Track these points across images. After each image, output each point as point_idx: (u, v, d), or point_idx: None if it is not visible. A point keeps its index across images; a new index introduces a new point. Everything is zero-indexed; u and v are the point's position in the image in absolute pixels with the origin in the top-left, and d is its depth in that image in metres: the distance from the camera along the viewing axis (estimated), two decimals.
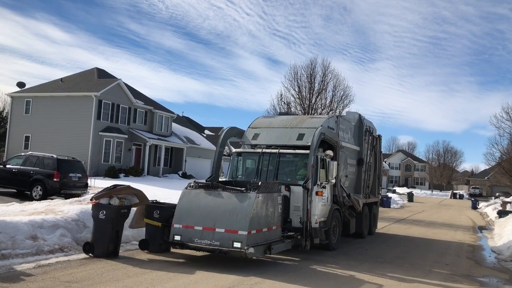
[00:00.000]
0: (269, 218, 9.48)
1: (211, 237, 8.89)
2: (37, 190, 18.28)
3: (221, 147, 12.40)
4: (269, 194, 9.55)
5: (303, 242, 10.56)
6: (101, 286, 7.12)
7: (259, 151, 12.12)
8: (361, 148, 15.33)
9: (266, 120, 13.70)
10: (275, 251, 9.54)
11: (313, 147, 11.12)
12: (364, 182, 15.40)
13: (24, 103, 37.59)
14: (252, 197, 8.97)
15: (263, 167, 11.85)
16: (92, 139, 34.22)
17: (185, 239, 9.13)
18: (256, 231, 8.91)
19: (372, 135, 16.44)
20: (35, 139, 35.94)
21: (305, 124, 12.74)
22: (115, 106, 36.59)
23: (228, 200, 9.20)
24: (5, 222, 8.85)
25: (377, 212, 17.76)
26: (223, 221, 8.91)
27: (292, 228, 10.80)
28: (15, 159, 20.24)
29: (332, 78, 31.46)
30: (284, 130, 12.66)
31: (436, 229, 20.92)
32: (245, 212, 8.83)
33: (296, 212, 10.87)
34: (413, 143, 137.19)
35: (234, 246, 8.63)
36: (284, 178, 11.52)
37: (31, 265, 8.12)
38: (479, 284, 9.47)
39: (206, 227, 9.00)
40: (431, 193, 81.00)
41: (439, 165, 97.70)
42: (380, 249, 13.37)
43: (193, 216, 9.26)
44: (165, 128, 42.47)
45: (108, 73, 41.62)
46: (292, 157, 11.94)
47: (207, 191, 9.54)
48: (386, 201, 34.63)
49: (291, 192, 11.01)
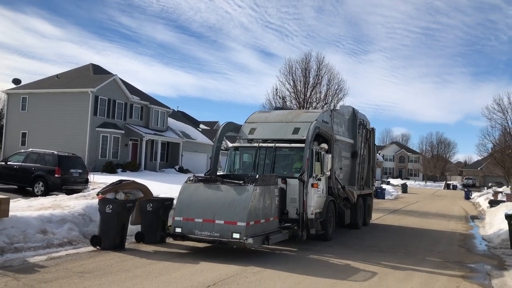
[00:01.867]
0: (266, 209, 9.85)
1: (211, 228, 9.28)
2: (39, 186, 18.60)
3: (218, 142, 12.68)
4: (266, 186, 9.93)
5: (300, 233, 10.90)
6: (112, 276, 7.52)
7: (256, 145, 12.45)
8: (355, 141, 15.71)
9: (262, 115, 14.04)
10: (273, 242, 9.93)
11: (308, 140, 11.49)
12: (358, 174, 15.77)
13: (20, 99, 37.71)
14: (250, 189, 9.36)
15: (260, 161, 12.18)
16: (89, 135, 34.46)
17: (186, 231, 9.51)
18: (254, 222, 9.29)
19: (366, 128, 16.82)
20: (32, 135, 36.12)
21: (300, 118, 13.05)
22: (111, 102, 36.82)
23: (227, 193, 9.59)
24: (16, 217, 9.23)
25: (371, 203, 18.16)
26: (223, 213, 9.30)
27: (288, 219, 11.19)
28: (16, 156, 20.54)
29: (327, 72, 31.91)
30: (280, 125, 12.98)
31: (429, 219, 21.46)
32: (243, 204, 9.22)
33: (292, 204, 11.21)
34: (406, 135, 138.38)
35: (233, 237, 9.01)
36: (281, 171, 11.82)
37: (43, 257, 8.51)
38: (469, 270, 9.96)
39: (206, 219, 9.39)
40: (425, 184, 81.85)
41: (433, 156, 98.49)
42: (374, 239, 13.85)
43: (193, 209, 9.63)
44: (161, 123, 42.75)
45: (103, 69, 41.77)
46: (288, 150, 12.28)
47: (206, 185, 9.94)
48: (380, 192, 35.16)
49: (288, 184, 11.34)
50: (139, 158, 38.55)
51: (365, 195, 16.73)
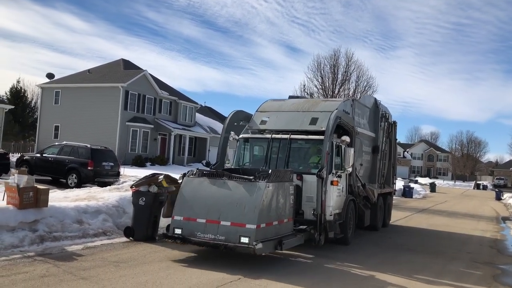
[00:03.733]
0: (280, 210, 8.67)
1: (216, 231, 8.08)
2: (72, 178, 19.16)
3: (226, 132, 11.65)
4: (280, 183, 8.72)
5: (317, 236, 9.61)
6: (146, 266, 7.78)
7: (268, 137, 11.23)
8: (377, 135, 14.48)
9: (276, 104, 12.58)
10: (287, 247, 8.79)
11: (329, 132, 10.18)
12: (379, 171, 14.59)
13: (53, 93, 38.83)
14: (262, 186, 8.18)
15: (273, 154, 10.96)
16: (120, 129, 35.23)
17: (187, 232, 8.30)
18: (265, 224, 8.15)
19: (388, 121, 15.52)
20: (64, 128, 37.16)
21: (319, 107, 11.72)
22: (141, 97, 37.52)
23: (234, 190, 8.40)
24: (54, 207, 9.60)
25: (391, 203, 17.00)
26: (229, 213, 8.12)
27: (304, 220, 9.93)
28: (51, 148, 21.19)
29: (356, 68, 31.83)
30: (295, 114, 11.64)
31: (458, 219, 21.15)
32: (254, 203, 8.05)
33: (308, 203, 9.96)
34: (436, 133, 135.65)
35: (241, 242, 7.82)
36: (296, 166, 10.67)
37: (80, 246, 8.84)
38: (500, 271, 9.85)
39: (210, 219, 8.20)
40: (454, 184, 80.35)
41: (463, 156, 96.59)
42: (398, 242, 13.47)
43: (196, 207, 8.45)
44: (189, 118, 43.32)
45: (133, 64, 42.55)
46: (305, 143, 11.10)
47: (211, 180, 8.70)
48: (408, 191, 34.78)
49: (303, 181, 10.12)
50: (167, 152, 39.22)
51: (386, 194, 15.56)
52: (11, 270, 6.98)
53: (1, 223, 8.56)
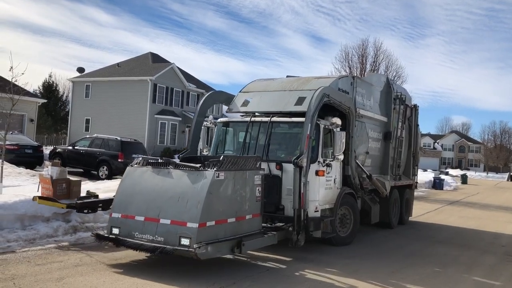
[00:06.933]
0: (239, 204, 7.21)
1: (154, 230, 6.74)
2: (103, 170, 19.61)
3: (199, 116, 10.52)
4: (239, 172, 7.24)
5: (294, 236, 8.05)
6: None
7: (247, 120, 9.86)
8: (389, 119, 12.73)
9: (262, 83, 11.05)
10: (249, 249, 7.32)
11: (311, 112, 8.53)
12: (393, 160, 12.93)
13: (84, 87, 39.69)
14: (209, 176, 6.74)
15: (252, 140, 9.63)
16: (148, 121, 35.78)
17: (124, 232, 7.02)
18: (215, 222, 6.70)
19: (405, 104, 13.61)
20: (95, 121, 37.97)
21: (308, 85, 10.01)
22: (169, 90, 37.96)
23: (178, 181, 7.00)
24: None
25: (411, 197, 14.93)
26: (170, 209, 6.77)
27: (284, 217, 8.64)
28: (83, 141, 21.74)
29: (384, 58, 31.39)
30: (281, 94, 10.11)
31: (491, 212, 20.66)
32: (197, 197, 6.63)
33: (289, 196, 8.45)
34: (467, 124, 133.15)
35: (181, 244, 6.43)
36: (277, 153, 9.31)
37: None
38: None
39: (149, 217, 6.87)
40: (486, 176, 78.45)
41: (495, 147, 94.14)
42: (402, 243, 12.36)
43: (135, 203, 7.15)
44: (216, 110, 43.50)
45: (161, 57, 43.04)
46: (288, 127, 9.62)
47: (155, 169, 7.37)
48: (439, 183, 34.31)
49: (284, 171, 8.68)
50: None
51: (403, 187, 13.78)
52: (47, 259, 7.22)
53: (37, 214, 8.87)
